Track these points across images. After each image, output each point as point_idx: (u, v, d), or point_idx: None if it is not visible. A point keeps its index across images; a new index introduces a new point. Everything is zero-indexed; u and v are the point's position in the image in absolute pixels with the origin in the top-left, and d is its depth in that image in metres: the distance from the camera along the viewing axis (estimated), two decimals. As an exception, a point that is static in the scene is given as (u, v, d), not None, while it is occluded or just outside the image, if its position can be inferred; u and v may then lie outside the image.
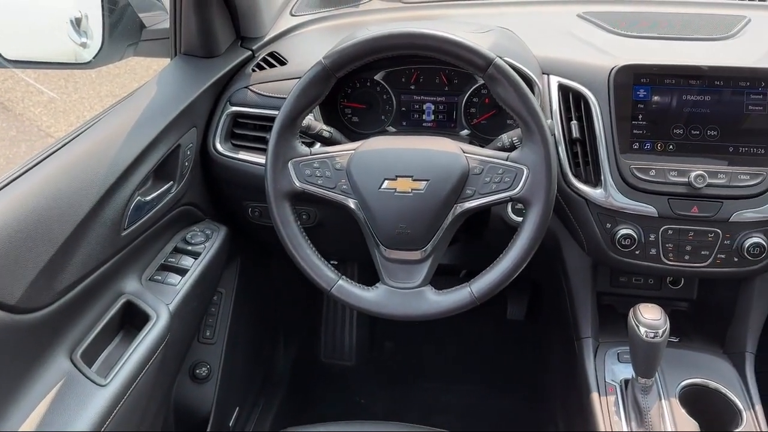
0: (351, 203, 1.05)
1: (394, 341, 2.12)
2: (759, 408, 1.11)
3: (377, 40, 1.00)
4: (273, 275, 1.84)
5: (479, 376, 2.01)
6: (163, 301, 1.16)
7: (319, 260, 1.07)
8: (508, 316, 2.06)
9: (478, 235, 1.32)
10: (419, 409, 1.90)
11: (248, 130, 1.33)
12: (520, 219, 1.03)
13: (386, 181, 1.02)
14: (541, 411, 1.72)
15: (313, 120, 1.16)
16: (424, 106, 1.32)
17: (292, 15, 1.54)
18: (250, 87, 1.32)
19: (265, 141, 1.28)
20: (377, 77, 1.31)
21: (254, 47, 1.42)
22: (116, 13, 1.34)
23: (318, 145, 1.20)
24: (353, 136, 1.22)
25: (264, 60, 1.37)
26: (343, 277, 1.07)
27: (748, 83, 1.12)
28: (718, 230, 1.13)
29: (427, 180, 1.01)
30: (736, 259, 1.14)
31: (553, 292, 1.44)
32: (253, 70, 1.36)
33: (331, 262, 1.10)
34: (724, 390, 1.13)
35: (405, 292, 1.04)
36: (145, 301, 1.14)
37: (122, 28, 1.36)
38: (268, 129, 1.08)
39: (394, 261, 1.05)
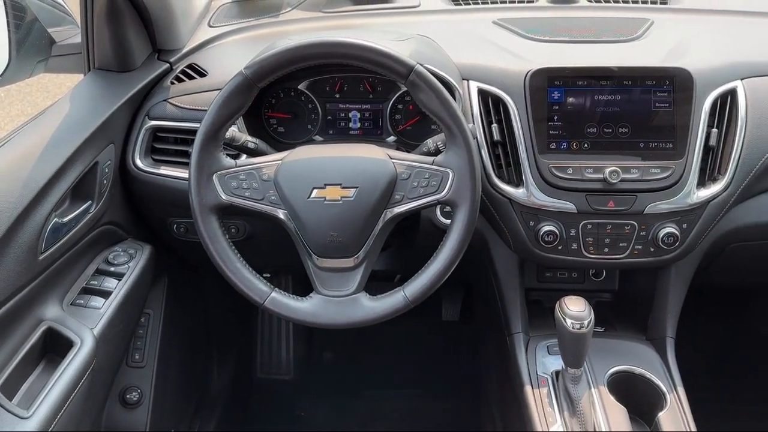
0: (280, 214, 1.04)
1: (332, 351, 2.11)
2: (681, 390, 1.17)
3: (298, 50, 1.00)
4: (203, 292, 1.79)
5: (419, 380, 2.03)
6: (87, 325, 1.11)
7: (251, 273, 1.05)
8: (443, 318, 2.09)
9: (410, 239, 1.34)
10: (360, 417, 1.90)
11: (169, 144, 1.30)
12: (448, 221, 1.05)
13: (315, 190, 1.02)
14: (479, 409, 1.76)
15: (237, 131, 1.14)
16: (350, 114, 1.33)
17: (211, 26, 1.51)
18: (170, 100, 1.29)
19: (187, 155, 1.25)
20: (301, 87, 1.31)
21: (172, 59, 1.39)
22: (23, 29, 1.28)
23: (243, 156, 1.18)
24: (279, 146, 1.21)
25: (183, 72, 1.34)
26: (276, 289, 1.05)
27: (654, 82, 1.18)
28: (634, 222, 1.19)
29: (356, 187, 1.02)
30: (652, 249, 1.20)
31: (485, 291, 1.47)
32: (172, 83, 1.33)
33: (264, 275, 1.09)
34: (648, 375, 1.18)
35: (339, 300, 1.04)
36: (68, 327, 1.09)
37: (30, 44, 1.30)
38: (190, 142, 1.06)
39: (327, 269, 1.05)
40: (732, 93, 1.19)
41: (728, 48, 1.29)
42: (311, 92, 1.31)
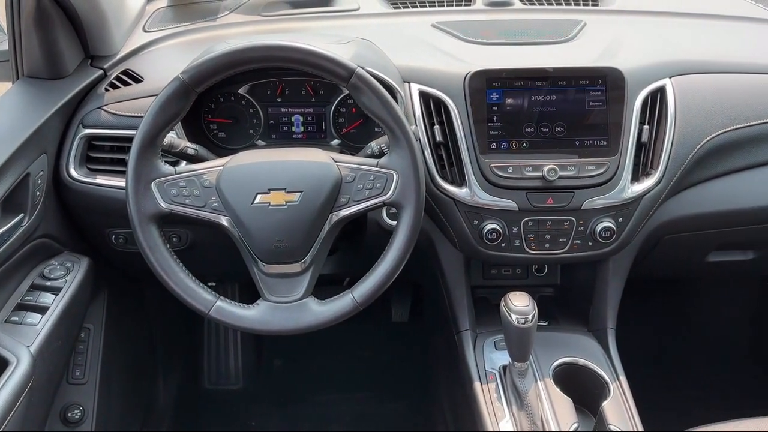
0: (223, 221, 1.02)
1: (282, 358, 2.09)
2: (623, 378, 1.21)
3: (236, 54, 0.98)
4: (146, 304, 1.74)
5: (371, 382, 2.03)
6: (23, 343, 1.07)
7: (194, 283, 1.03)
8: (393, 319, 2.10)
9: (358, 242, 1.34)
10: (313, 423, 1.89)
11: (105, 152, 1.26)
12: (395, 222, 1.06)
13: (259, 196, 1.01)
14: (431, 408, 1.77)
15: (175, 138, 1.12)
16: (293, 118, 1.32)
17: (146, 31, 1.48)
18: (104, 107, 1.25)
19: (124, 163, 1.20)
20: (241, 91, 1.29)
21: (106, 66, 1.35)
22: (-56, 36, 1.23)
23: (183, 163, 1.16)
24: (221, 152, 1.20)
25: (117, 78, 1.31)
26: (221, 297, 1.04)
27: (587, 81, 1.22)
28: (573, 218, 1.22)
29: (300, 191, 1.01)
30: (590, 243, 1.24)
31: (432, 291, 1.49)
32: (107, 90, 1.29)
33: (209, 284, 1.07)
34: (591, 365, 1.22)
35: (287, 306, 1.03)
36: (3, 345, 1.05)
37: (-48, 52, 1.25)
38: (127, 150, 1.03)
39: (274, 275, 1.04)
40: (661, 91, 1.24)
41: (657, 47, 1.34)
42: (252, 96, 1.30)
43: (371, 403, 1.96)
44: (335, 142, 1.32)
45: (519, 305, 1.06)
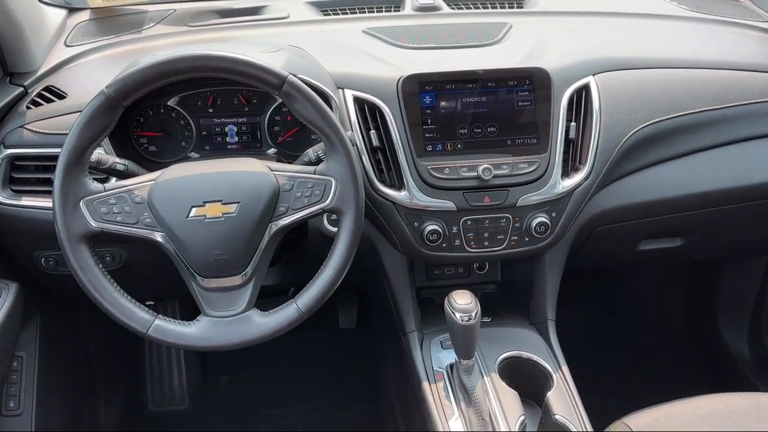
0: (158, 237, 1.00)
1: (229, 374, 2.05)
2: (565, 368, 1.24)
3: (163, 65, 0.96)
4: (81, 327, 1.68)
5: (322, 391, 2.02)
6: (-52, 377, 1.01)
7: (130, 302, 1.00)
8: (340, 326, 2.09)
9: (300, 251, 1.33)
10: (264, 437, 1.86)
11: (29, 173, 1.21)
12: (336, 229, 1.06)
13: (194, 209, 0.99)
14: (382, 412, 1.77)
15: (103, 154, 1.09)
16: (226, 129, 1.30)
17: (67, 46, 1.42)
18: (26, 126, 1.20)
19: (50, 182, 1.17)
20: (171, 103, 1.27)
21: (26, 83, 1.30)
22: None
23: (113, 180, 1.12)
24: (153, 166, 1.17)
25: (39, 95, 1.25)
26: (160, 316, 1.01)
27: (515, 82, 1.25)
28: (509, 215, 1.26)
29: (237, 202, 1.00)
30: (526, 239, 1.27)
31: (378, 295, 1.49)
32: (28, 108, 1.23)
33: (147, 303, 1.04)
34: (535, 358, 1.25)
35: (230, 320, 1.02)
36: None
37: None
38: (53, 169, 0.99)
39: (214, 290, 1.02)
40: (586, 88, 1.28)
41: (580, 47, 1.39)
42: (182, 108, 1.27)
43: (323, 412, 1.94)
44: (272, 151, 1.31)
45: (462, 303, 1.08)
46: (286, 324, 1.02)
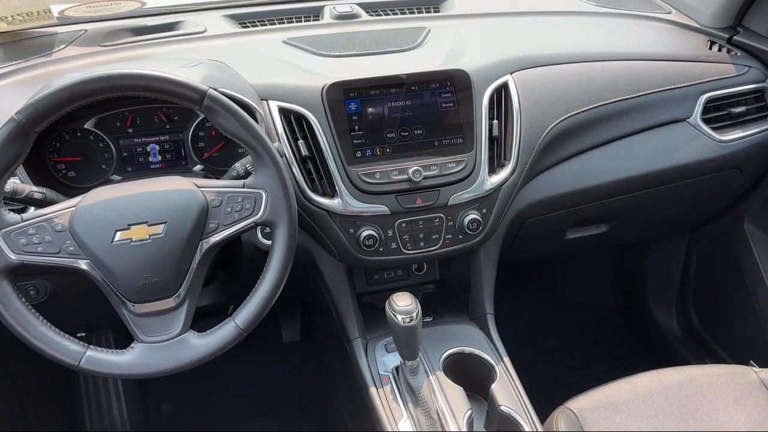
0: (82, 264, 0.96)
1: (171, 400, 1.99)
2: (507, 360, 1.27)
3: (76, 87, 0.93)
4: (9, 366, 1.59)
5: (268, 408, 1.98)
6: None
7: (59, 335, 0.95)
8: (284, 341, 2.06)
9: (236, 267, 1.31)
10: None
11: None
12: (270, 242, 1.04)
13: (119, 233, 0.96)
14: (333, 422, 1.76)
15: (18, 183, 1.03)
16: (148, 148, 1.27)
17: (-28, 72, 1.35)
18: None
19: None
20: (88, 126, 1.22)
21: (-73, 114, 1.22)
22: None
23: (31, 209, 1.07)
24: (73, 192, 1.12)
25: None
26: (91, 346, 0.97)
27: (438, 84, 1.28)
28: (442, 215, 1.28)
29: (164, 222, 0.97)
30: (460, 237, 1.30)
31: (319, 305, 1.48)
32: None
33: (78, 334, 1.00)
34: (477, 352, 1.27)
35: (165, 345, 0.99)
36: None
37: None
38: (-37, 203, 0.94)
39: (146, 315, 0.99)
40: (505, 87, 1.32)
41: (497, 47, 1.43)
42: (100, 130, 1.23)
43: (274, 428, 1.91)
44: (198, 167, 1.28)
45: (403, 305, 1.09)
46: (224, 343, 1.00)
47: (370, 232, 1.25)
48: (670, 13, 1.75)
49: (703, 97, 1.50)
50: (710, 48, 1.62)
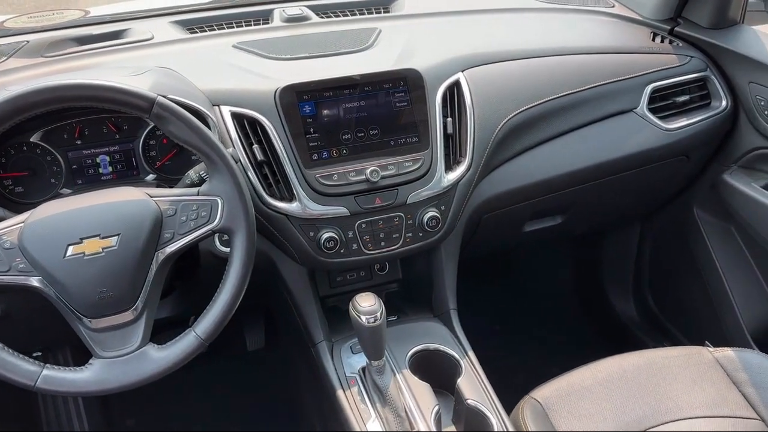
0: (34, 282, 0.93)
1: (135, 416, 1.94)
2: (471, 354, 1.28)
3: (19, 100, 0.90)
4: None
5: (236, 419, 1.95)
6: None
7: (12, 356, 0.93)
8: (248, 349, 2.04)
9: (195, 277, 1.29)
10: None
11: None
12: (229, 249, 1.03)
13: (71, 247, 0.93)
14: (302, 427, 1.75)
15: None
16: (98, 159, 1.24)
17: None
18: None
19: None
20: (34, 139, 1.19)
21: None
22: None
23: (-23, 228, 1.03)
24: (21, 208, 1.08)
25: None
26: (47, 365, 0.94)
27: (391, 84, 1.28)
28: (401, 213, 1.28)
29: (117, 234, 0.95)
30: (420, 234, 1.30)
31: (283, 310, 1.47)
32: None
33: (34, 354, 0.97)
34: (442, 348, 1.28)
35: (125, 359, 0.97)
36: None
37: None
38: None
39: (104, 330, 0.97)
40: (457, 84, 1.34)
41: (448, 45, 1.44)
42: (47, 143, 1.19)
43: (243, 437, 1.89)
44: (150, 177, 1.26)
45: (366, 306, 1.09)
46: (186, 354, 0.99)
47: (331, 234, 1.24)
48: (614, 6, 1.80)
49: (649, 88, 1.55)
50: (653, 40, 1.68)
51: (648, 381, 1.25)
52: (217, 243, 1.21)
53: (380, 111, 1.27)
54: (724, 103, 1.61)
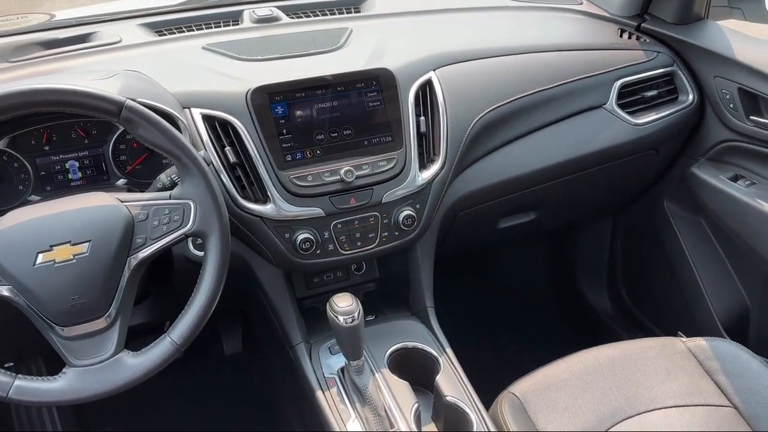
0: (3, 291, 0.91)
1: (112, 423, 1.91)
2: (449, 351, 1.29)
3: (-19, 107, 0.88)
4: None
5: (217, 423, 1.94)
6: None
7: None
8: (226, 353, 2.02)
9: (169, 282, 1.27)
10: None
11: None
12: (203, 253, 1.02)
13: (41, 255, 0.91)
14: (282, 429, 1.74)
15: None
16: (67, 165, 1.22)
17: None
18: None
19: None
20: (0, 145, 1.16)
21: None
22: None
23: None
24: (-12, 217, 1.06)
25: None
26: (19, 375, 0.92)
27: (363, 84, 1.28)
28: (377, 213, 1.28)
29: (88, 241, 0.94)
30: (396, 233, 1.31)
31: (260, 313, 1.46)
32: None
33: (6, 365, 0.95)
34: (420, 345, 1.28)
35: (99, 367, 0.95)
36: None
37: None
38: None
39: (77, 338, 0.95)
40: (429, 83, 1.34)
41: (419, 44, 1.45)
42: (14, 149, 1.17)
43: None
44: (121, 182, 1.24)
45: (344, 306, 1.09)
46: (161, 360, 0.98)
47: (306, 235, 1.24)
48: (581, 4, 1.82)
49: (617, 84, 1.57)
50: (621, 36, 1.70)
51: (623, 372, 1.27)
52: (191, 247, 1.20)
53: (353, 111, 1.27)
54: (691, 97, 1.64)
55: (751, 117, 1.53)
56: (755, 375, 1.24)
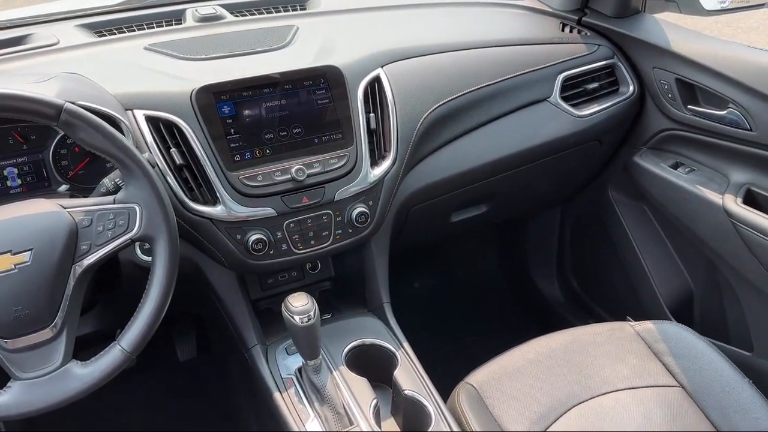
0: None
1: (64, 436, 1.85)
2: (406, 345, 1.30)
3: None
4: None
5: (172, 430, 1.90)
6: None
7: None
8: (180, 360, 1.98)
9: (117, 289, 1.24)
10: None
11: None
12: (151, 258, 1.00)
13: None
14: (241, 433, 1.72)
15: None
16: (6, 172, 1.17)
17: None
18: None
19: None
20: (-69, 154, 1.11)
21: None
22: None
23: None
24: None
25: None
26: None
27: (311, 82, 1.27)
28: (329, 211, 1.28)
29: (30, 249, 0.90)
30: (350, 231, 1.30)
31: (213, 317, 1.44)
32: None
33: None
34: (377, 341, 1.28)
35: (46, 379, 0.92)
36: None
37: None
38: None
39: (21, 350, 0.92)
40: (377, 80, 1.34)
41: (367, 41, 1.45)
42: None
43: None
44: (63, 188, 1.20)
45: (299, 305, 1.08)
46: (112, 369, 0.95)
47: (259, 236, 1.22)
48: (524, -1, 1.86)
49: (560, 77, 1.61)
50: (563, 30, 1.74)
51: (575, 358, 1.30)
52: (139, 252, 1.17)
53: (302, 109, 1.26)
54: (631, 88, 1.69)
55: (689, 106, 1.59)
56: (700, 355, 1.29)
